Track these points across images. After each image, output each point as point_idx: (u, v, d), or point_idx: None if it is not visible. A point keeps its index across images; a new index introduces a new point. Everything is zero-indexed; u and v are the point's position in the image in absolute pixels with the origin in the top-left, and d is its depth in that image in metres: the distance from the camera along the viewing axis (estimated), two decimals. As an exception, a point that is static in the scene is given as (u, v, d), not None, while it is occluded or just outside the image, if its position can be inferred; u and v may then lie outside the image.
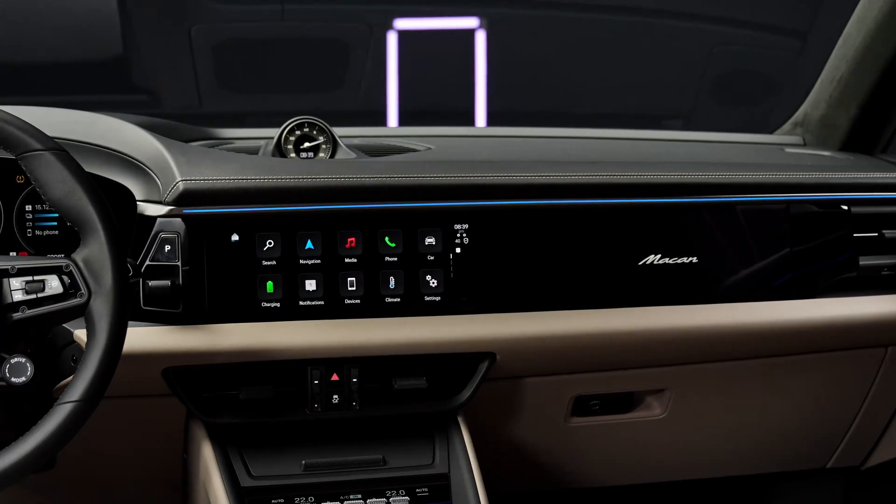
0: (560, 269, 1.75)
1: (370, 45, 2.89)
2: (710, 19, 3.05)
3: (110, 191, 1.70)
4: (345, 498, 1.66)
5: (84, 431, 1.71)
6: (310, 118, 1.86)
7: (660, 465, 2.05)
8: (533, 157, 1.95)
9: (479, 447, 1.76)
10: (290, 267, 1.67)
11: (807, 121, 2.33)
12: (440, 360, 1.73)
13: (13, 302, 1.38)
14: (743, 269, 1.84)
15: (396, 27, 2.90)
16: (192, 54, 2.80)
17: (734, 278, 1.83)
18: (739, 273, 1.83)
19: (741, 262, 1.83)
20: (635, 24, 3.04)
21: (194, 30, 2.80)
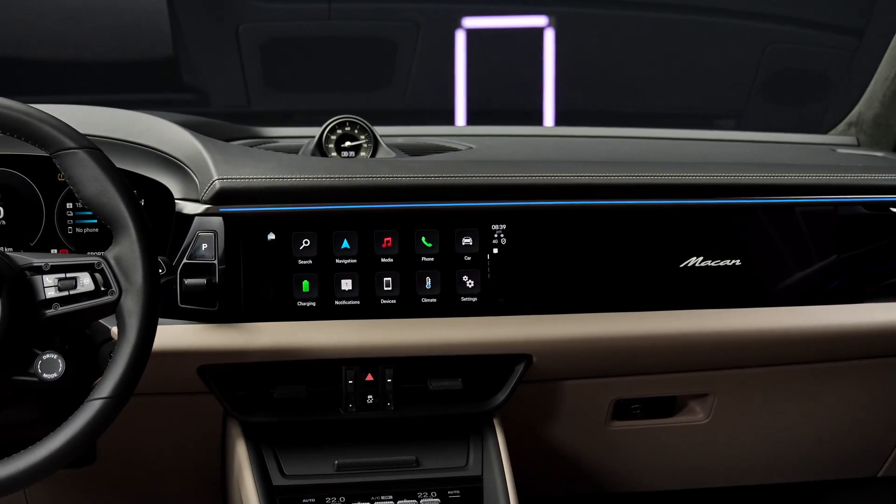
0: (599, 270, 1.73)
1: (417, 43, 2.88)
2: (764, 17, 3.00)
3: (149, 189, 1.72)
4: (376, 499, 1.65)
5: (124, 428, 1.74)
6: (351, 117, 1.86)
7: (703, 470, 2.01)
8: (575, 157, 1.93)
9: (515, 450, 1.74)
10: (326, 266, 1.67)
11: (861, 120, 2.28)
12: (476, 362, 1.71)
13: (46, 299, 1.39)
14: (788, 273, 1.80)
15: (465, 26, 2.90)
16: (239, 53, 2.81)
17: (779, 282, 1.79)
18: (784, 276, 1.80)
19: (786, 265, 1.80)
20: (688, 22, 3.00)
21: (241, 28, 2.81)
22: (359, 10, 2.91)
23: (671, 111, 3.00)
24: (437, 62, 2.89)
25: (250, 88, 2.84)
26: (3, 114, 1.40)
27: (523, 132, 2.23)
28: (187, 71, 2.88)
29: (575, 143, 2.15)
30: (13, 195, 1.72)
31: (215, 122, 2.01)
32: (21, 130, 1.40)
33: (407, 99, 2.89)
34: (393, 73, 2.90)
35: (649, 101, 3.00)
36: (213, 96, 2.88)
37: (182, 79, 2.89)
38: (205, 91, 2.89)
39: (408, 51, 2.87)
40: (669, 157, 1.99)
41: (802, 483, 2.10)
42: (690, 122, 3.00)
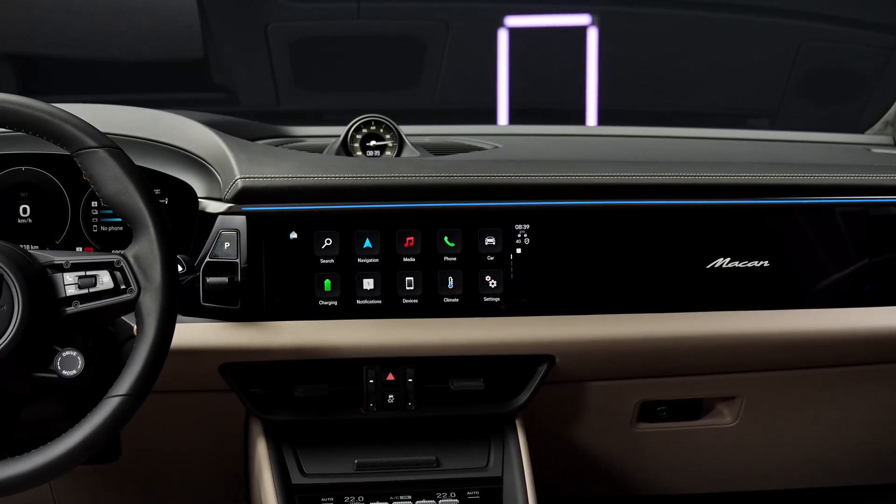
0: (623, 271, 1.71)
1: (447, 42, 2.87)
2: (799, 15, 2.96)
3: (173, 187, 1.73)
4: (394, 498, 1.65)
5: (147, 425, 1.75)
6: (376, 116, 1.85)
7: (730, 474, 1.99)
8: (602, 157, 1.91)
9: (538, 451, 1.73)
10: (348, 265, 1.66)
11: (897, 120, 2.24)
12: (498, 362, 1.70)
13: (66, 296, 1.39)
14: (817, 274, 1.77)
15: (507, 24, 2.90)
16: (268, 53, 2.81)
17: (808, 283, 1.76)
18: (814, 278, 1.77)
19: (816, 266, 1.77)
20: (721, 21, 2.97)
21: (271, 28, 2.81)
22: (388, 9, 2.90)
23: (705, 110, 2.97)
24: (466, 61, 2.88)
25: (280, 88, 2.84)
26: (26, 113, 1.41)
27: (551, 131, 2.21)
28: (217, 70, 2.89)
29: (604, 143, 2.13)
30: (39, 194, 1.73)
31: (241, 122, 2.02)
32: (43, 129, 1.41)
33: (436, 98, 2.88)
34: (422, 72, 2.89)
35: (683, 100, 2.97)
36: (242, 96, 2.88)
37: (212, 78, 2.90)
38: (234, 90, 2.90)
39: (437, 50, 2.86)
40: (697, 156, 1.97)
41: (832, 488, 2.07)
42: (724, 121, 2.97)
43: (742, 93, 3.00)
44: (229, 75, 2.91)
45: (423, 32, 2.91)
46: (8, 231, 1.72)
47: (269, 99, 2.85)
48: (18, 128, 1.42)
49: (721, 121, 2.97)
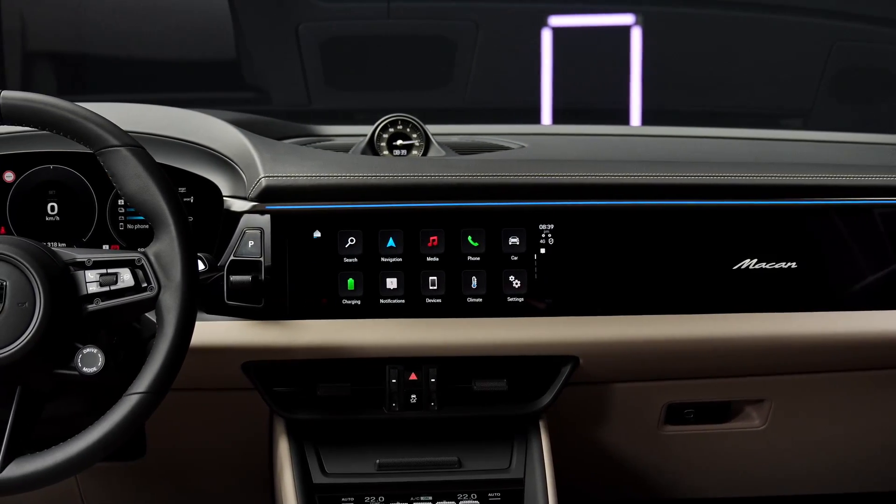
0: (648, 271, 1.70)
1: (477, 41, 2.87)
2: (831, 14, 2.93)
3: (199, 186, 1.74)
4: (415, 499, 1.64)
5: (172, 423, 1.76)
6: (403, 115, 1.85)
7: (758, 478, 1.97)
8: (629, 157, 1.90)
9: (561, 453, 1.72)
10: (372, 265, 1.66)
11: (932, 120, 2.21)
12: (521, 363, 1.69)
13: (88, 294, 1.40)
14: (847, 276, 1.74)
15: (551, 24, 2.90)
16: (299, 52, 2.83)
17: (837, 285, 1.74)
18: (843, 280, 1.74)
19: (845, 268, 1.74)
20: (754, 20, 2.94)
21: (301, 28, 2.82)
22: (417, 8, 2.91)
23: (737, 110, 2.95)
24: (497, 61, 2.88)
25: (311, 87, 2.85)
26: (50, 112, 1.42)
27: (580, 131, 2.20)
28: (249, 70, 2.90)
29: (632, 143, 2.11)
30: (67, 192, 1.74)
31: (269, 120, 2.02)
32: (66, 128, 1.42)
33: (466, 98, 2.88)
34: (452, 71, 2.89)
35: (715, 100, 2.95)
36: (274, 95, 2.90)
37: (244, 78, 2.92)
38: (266, 90, 2.91)
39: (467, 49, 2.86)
40: (725, 156, 1.95)
41: (862, 494, 2.04)
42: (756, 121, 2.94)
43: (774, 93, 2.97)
44: (261, 75, 2.93)
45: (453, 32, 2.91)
46: (35, 228, 1.74)
47: (300, 98, 2.86)
48: (43, 126, 1.43)
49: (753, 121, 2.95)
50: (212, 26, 2.88)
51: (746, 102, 2.97)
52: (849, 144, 2.21)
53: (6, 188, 1.73)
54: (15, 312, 1.36)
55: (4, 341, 1.35)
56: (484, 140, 1.99)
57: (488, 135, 2.07)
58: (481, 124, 2.19)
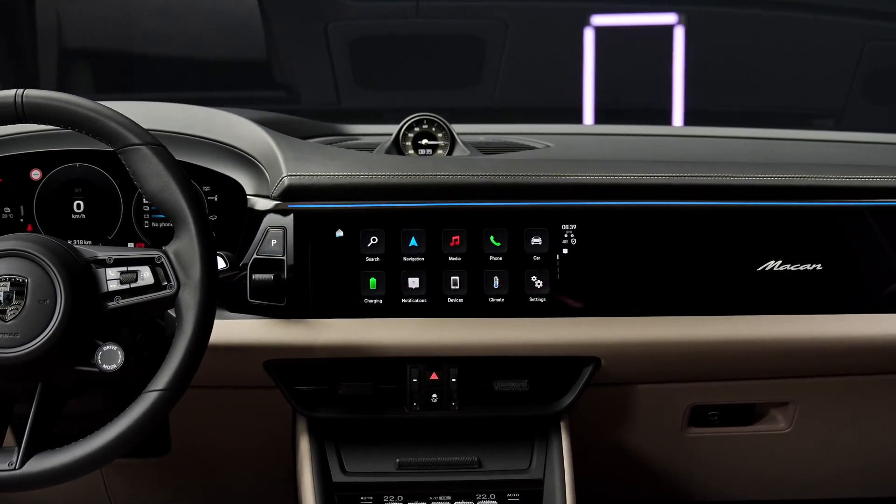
0: (671, 273, 1.69)
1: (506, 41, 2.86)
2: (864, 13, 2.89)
3: (223, 185, 1.75)
4: (434, 499, 1.64)
5: (196, 420, 1.78)
6: (428, 115, 1.86)
7: (784, 481, 1.95)
8: (653, 157, 1.88)
9: (583, 454, 1.72)
10: (394, 264, 1.66)
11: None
12: (543, 363, 1.69)
13: (108, 291, 1.42)
14: (874, 279, 1.72)
15: (593, 23, 2.89)
16: (328, 52, 2.83)
17: (863, 287, 1.72)
18: (869, 282, 1.72)
19: (872, 270, 1.72)
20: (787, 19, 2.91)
21: (331, 27, 2.83)
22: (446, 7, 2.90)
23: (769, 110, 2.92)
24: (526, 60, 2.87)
25: (340, 86, 2.86)
26: (72, 110, 1.43)
27: (607, 131, 2.19)
28: (279, 69, 2.91)
29: (660, 143, 2.10)
30: (93, 190, 1.76)
31: (296, 119, 2.03)
32: (88, 127, 1.44)
33: (496, 97, 2.88)
34: (482, 70, 2.88)
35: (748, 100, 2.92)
36: (303, 94, 2.90)
37: (274, 77, 2.93)
38: (296, 89, 2.92)
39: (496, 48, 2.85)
40: (753, 157, 1.93)
41: (891, 498, 2.02)
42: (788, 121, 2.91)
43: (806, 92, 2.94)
44: (291, 74, 2.93)
45: (482, 31, 2.90)
46: (61, 226, 1.76)
47: (329, 97, 2.87)
48: (65, 125, 1.44)
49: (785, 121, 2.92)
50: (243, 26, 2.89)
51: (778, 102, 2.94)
52: (880, 145, 2.19)
53: (33, 186, 1.75)
54: (36, 309, 1.38)
55: (26, 338, 1.37)
56: (509, 140, 1.98)
57: (515, 134, 2.07)
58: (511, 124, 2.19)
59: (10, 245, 1.41)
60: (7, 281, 1.38)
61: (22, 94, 1.43)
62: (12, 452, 1.37)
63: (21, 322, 1.37)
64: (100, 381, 1.42)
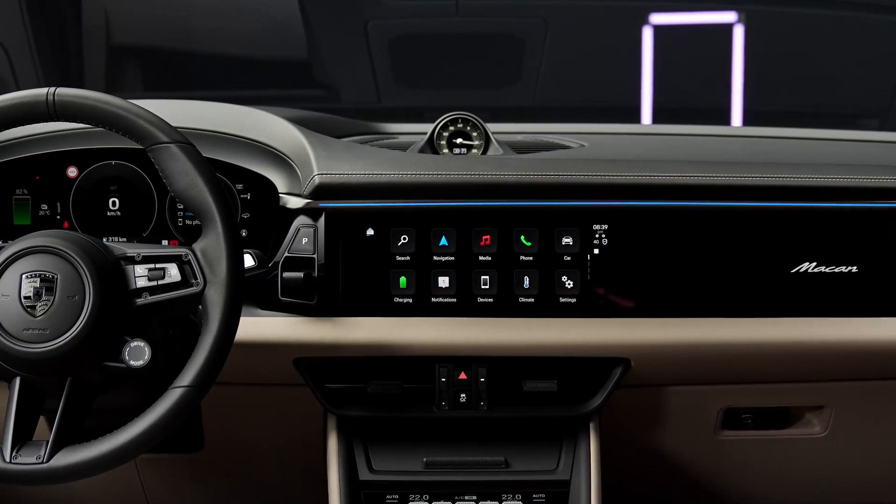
0: (703, 274, 1.67)
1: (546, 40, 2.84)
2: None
3: (256, 183, 1.75)
4: (459, 498, 1.64)
5: (228, 417, 1.79)
6: (463, 114, 1.85)
7: (819, 486, 1.92)
8: (687, 157, 1.86)
9: (612, 456, 1.71)
10: (424, 263, 1.66)
11: None
12: (572, 364, 1.68)
13: (137, 288, 1.43)
14: (910, 281, 1.70)
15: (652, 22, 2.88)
16: (368, 50, 2.84)
17: (899, 290, 1.70)
18: (906, 285, 1.70)
19: (908, 273, 1.70)
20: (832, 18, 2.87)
21: (370, 26, 2.84)
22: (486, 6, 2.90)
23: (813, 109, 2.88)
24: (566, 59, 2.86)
25: (380, 85, 2.86)
26: (102, 108, 1.45)
27: (645, 130, 2.18)
28: (319, 68, 2.93)
29: (696, 143, 2.07)
30: (128, 187, 1.78)
31: (331, 118, 2.04)
32: (118, 124, 1.45)
33: (536, 96, 2.87)
34: (521, 69, 2.87)
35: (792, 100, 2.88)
36: (344, 93, 2.91)
37: (315, 76, 2.94)
38: (336, 87, 2.93)
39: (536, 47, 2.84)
40: (791, 157, 1.90)
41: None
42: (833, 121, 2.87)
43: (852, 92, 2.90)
44: (331, 72, 2.95)
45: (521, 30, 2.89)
46: (97, 223, 1.78)
47: (370, 96, 2.88)
48: (96, 123, 1.46)
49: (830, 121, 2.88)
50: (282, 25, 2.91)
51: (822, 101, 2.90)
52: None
53: (69, 183, 1.77)
54: (65, 305, 1.39)
55: (54, 333, 1.39)
56: (544, 139, 1.97)
57: (551, 134, 2.06)
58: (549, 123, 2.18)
59: (40, 242, 1.43)
60: (37, 277, 1.40)
61: (54, 92, 1.45)
62: (41, 446, 1.39)
63: (50, 318, 1.39)
64: (127, 376, 1.44)
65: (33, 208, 1.79)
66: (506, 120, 1.97)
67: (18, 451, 1.39)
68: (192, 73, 3.01)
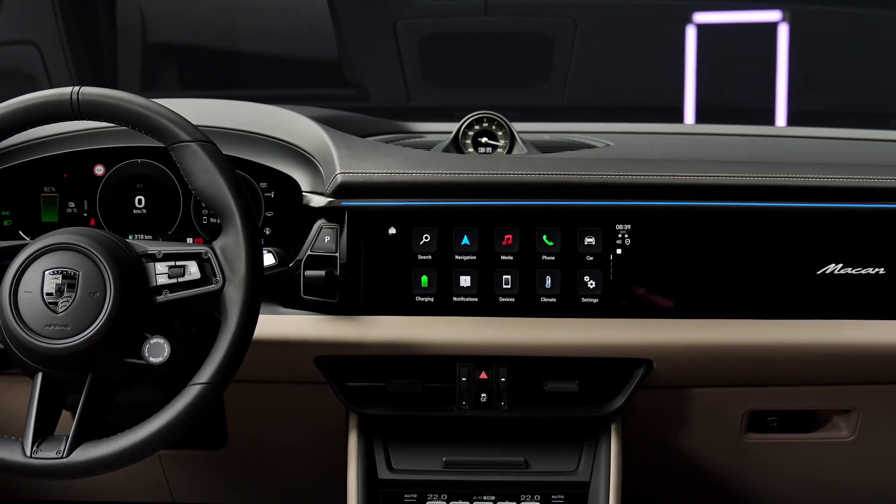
0: (727, 274, 1.65)
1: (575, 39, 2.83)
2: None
3: (280, 181, 1.76)
4: (477, 498, 1.64)
5: (251, 414, 1.80)
6: (488, 113, 1.85)
7: (847, 490, 1.90)
8: (714, 156, 1.84)
9: (634, 457, 1.70)
10: (446, 262, 1.66)
11: None
12: (593, 364, 1.67)
13: (157, 285, 1.44)
14: (940, 283, 1.67)
15: (695, 21, 2.86)
16: (398, 49, 2.84)
17: (929, 293, 1.67)
18: (936, 287, 1.67)
19: (939, 275, 1.67)
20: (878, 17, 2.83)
21: (399, 24, 2.84)
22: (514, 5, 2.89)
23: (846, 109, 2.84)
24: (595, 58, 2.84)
25: (410, 84, 2.86)
26: (125, 107, 1.46)
27: (673, 130, 2.15)
28: (349, 67, 2.93)
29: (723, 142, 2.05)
30: (154, 185, 1.79)
31: (357, 117, 2.04)
32: (140, 123, 1.46)
33: (565, 95, 2.85)
34: (551, 69, 2.86)
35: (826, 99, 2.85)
36: (373, 91, 2.91)
37: (344, 75, 2.95)
38: (366, 86, 2.94)
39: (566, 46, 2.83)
40: (817, 157, 1.88)
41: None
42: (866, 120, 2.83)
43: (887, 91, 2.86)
44: (360, 72, 2.94)
45: (550, 29, 2.88)
46: (123, 221, 1.79)
47: (399, 95, 2.87)
48: (119, 122, 1.47)
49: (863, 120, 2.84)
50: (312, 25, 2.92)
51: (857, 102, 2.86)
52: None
53: (96, 181, 1.79)
54: (86, 302, 1.41)
55: (76, 330, 1.40)
56: (570, 138, 1.97)
57: (578, 133, 2.05)
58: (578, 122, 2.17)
59: (63, 239, 1.44)
60: (59, 273, 1.42)
61: (78, 91, 1.46)
62: (62, 441, 1.41)
63: (71, 314, 1.41)
64: (147, 373, 1.45)
65: (61, 206, 1.80)
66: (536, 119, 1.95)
67: (39, 446, 1.40)
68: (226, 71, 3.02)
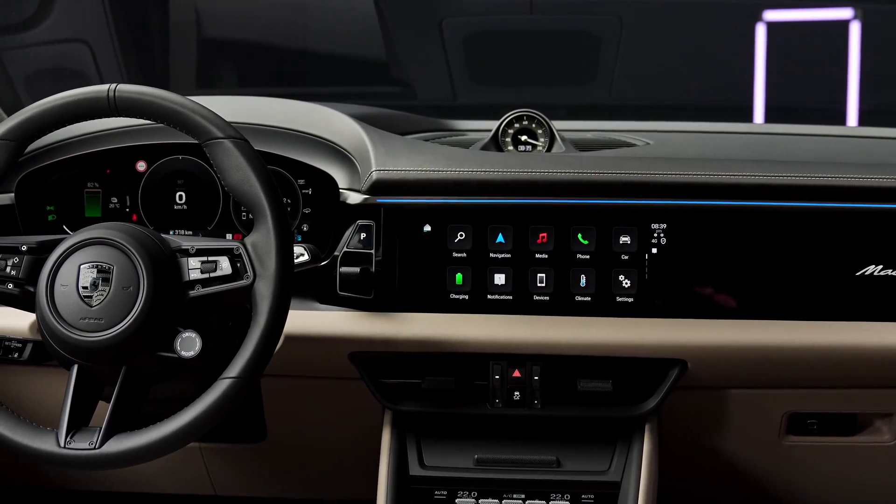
0: (764, 275, 1.64)
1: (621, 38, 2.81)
2: None
3: (317, 178, 1.77)
4: (507, 497, 1.64)
5: (288, 409, 1.82)
6: (528, 111, 1.85)
7: (888, 494, 1.87)
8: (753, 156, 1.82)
9: (669, 458, 1.68)
10: (480, 260, 1.66)
11: None
12: (627, 364, 1.66)
13: (190, 280, 1.46)
14: (984, 286, 1.64)
15: (766, 19, 2.84)
16: (443, 47, 2.84)
17: (973, 295, 1.64)
18: (979, 290, 1.64)
19: (983, 277, 1.64)
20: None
21: (445, 23, 2.84)
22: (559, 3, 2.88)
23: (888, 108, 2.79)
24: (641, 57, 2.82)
25: (455, 82, 2.86)
26: (160, 104, 1.48)
27: (716, 129, 2.13)
28: (395, 65, 2.94)
29: (766, 141, 2.03)
30: (194, 182, 1.81)
31: (397, 114, 2.05)
32: (175, 120, 1.48)
33: (612, 94, 2.84)
34: (597, 67, 2.85)
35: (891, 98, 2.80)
36: (419, 90, 2.92)
37: (391, 73, 2.96)
38: (412, 84, 2.94)
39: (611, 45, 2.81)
40: (859, 157, 1.84)
41: None
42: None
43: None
44: (407, 70, 2.95)
45: (596, 27, 2.86)
46: (164, 217, 1.81)
47: (445, 93, 2.88)
48: (155, 119, 1.49)
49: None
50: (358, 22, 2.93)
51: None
52: None
53: (138, 177, 1.82)
54: (120, 296, 1.43)
55: (109, 323, 1.43)
56: (610, 137, 1.96)
57: (619, 131, 2.04)
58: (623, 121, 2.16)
59: (99, 234, 1.47)
60: (94, 267, 1.45)
61: (115, 88, 1.49)
62: (95, 432, 1.43)
63: (105, 307, 1.43)
64: (180, 366, 1.47)
65: (103, 201, 1.83)
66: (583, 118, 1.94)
67: (73, 437, 1.43)
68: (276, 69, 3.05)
